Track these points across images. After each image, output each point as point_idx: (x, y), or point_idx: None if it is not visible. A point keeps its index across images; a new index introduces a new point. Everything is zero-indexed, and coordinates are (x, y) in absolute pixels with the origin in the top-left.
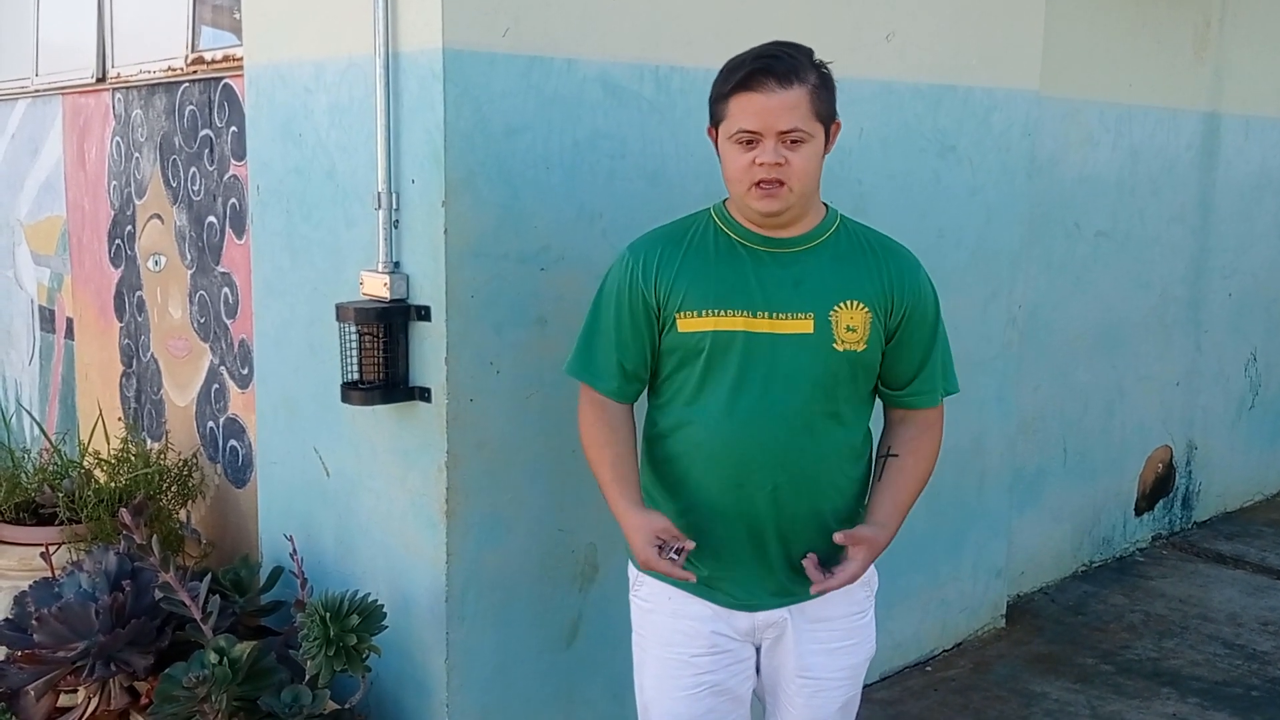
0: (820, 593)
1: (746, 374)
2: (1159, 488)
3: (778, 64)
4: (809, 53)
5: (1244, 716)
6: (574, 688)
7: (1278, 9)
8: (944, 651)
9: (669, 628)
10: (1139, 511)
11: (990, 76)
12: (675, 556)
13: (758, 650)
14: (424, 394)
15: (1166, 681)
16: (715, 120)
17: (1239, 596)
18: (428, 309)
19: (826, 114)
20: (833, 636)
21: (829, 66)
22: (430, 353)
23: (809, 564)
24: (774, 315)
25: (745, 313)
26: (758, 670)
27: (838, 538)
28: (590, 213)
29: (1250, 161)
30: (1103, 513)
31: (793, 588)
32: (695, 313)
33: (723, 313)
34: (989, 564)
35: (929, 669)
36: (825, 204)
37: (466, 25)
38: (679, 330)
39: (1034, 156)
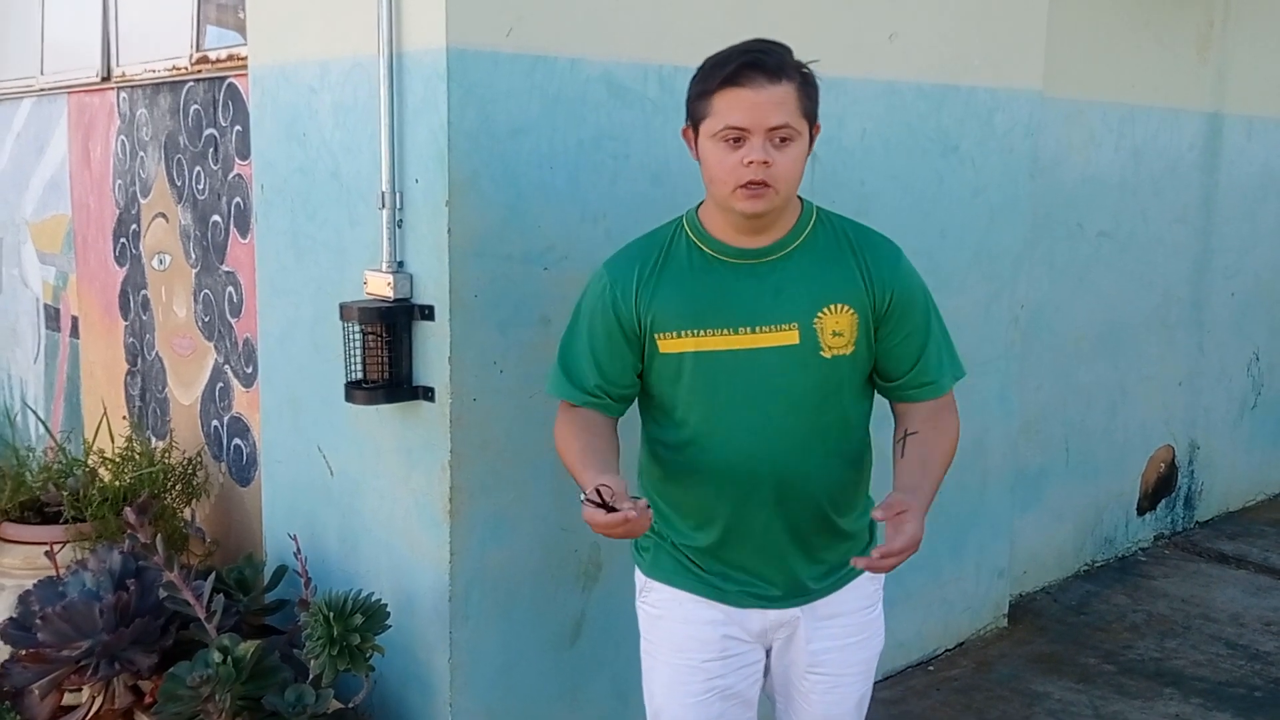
0: (882, 567)
1: (737, 393)
2: (1161, 487)
3: (766, 59)
4: (791, 51)
5: (1246, 717)
6: (578, 687)
7: None
8: (946, 651)
9: (680, 633)
10: (1141, 511)
11: (993, 77)
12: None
13: (767, 653)
14: (427, 393)
15: (1169, 682)
16: (696, 119)
17: (1241, 596)
18: (431, 308)
19: (811, 112)
20: (845, 631)
21: (810, 65)
22: (434, 352)
23: (859, 562)
24: (756, 329)
25: (726, 330)
26: (766, 671)
27: (876, 515)
28: (594, 213)
29: (1253, 162)
30: (1105, 512)
31: (811, 587)
32: (675, 334)
33: (702, 332)
34: (991, 563)
35: (931, 668)
36: (801, 199)
37: (470, 25)
38: (660, 352)
39: (1037, 157)
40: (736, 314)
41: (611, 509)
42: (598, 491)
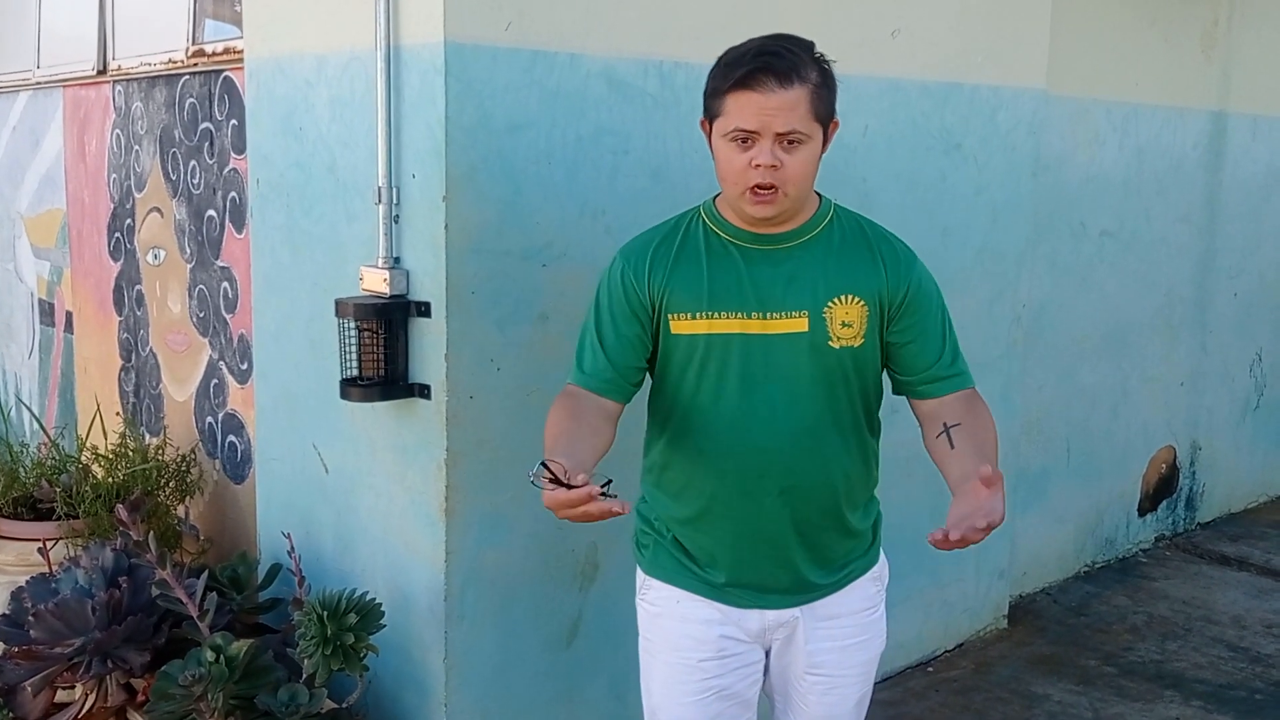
0: (963, 542)
1: (744, 377)
2: (1162, 488)
3: (778, 62)
4: (810, 48)
5: None
6: (574, 687)
7: None
8: (946, 652)
9: (678, 632)
10: (1142, 512)
11: (997, 74)
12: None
13: (767, 653)
14: (424, 391)
15: (1169, 684)
16: (710, 115)
17: (1243, 598)
18: (428, 305)
19: (825, 114)
20: (845, 633)
21: (831, 62)
22: (430, 349)
23: (937, 537)
24: (767, 315)
25: (739, 314)
26: (766, 671)
27: (980, 478)
28: (593, 209)
29: (1258, 161)
30: (1106, 513)
31: (814, 582)
32: (688, 315)
33: (715, 315)
34: (992, 564)
35: (931, 670)
36: (818, 193)
37: (469, 19)
38: (672, 333)
39: (1040, 155)
40: (749, 299)
41: (568, 485)
42: (545, 465)
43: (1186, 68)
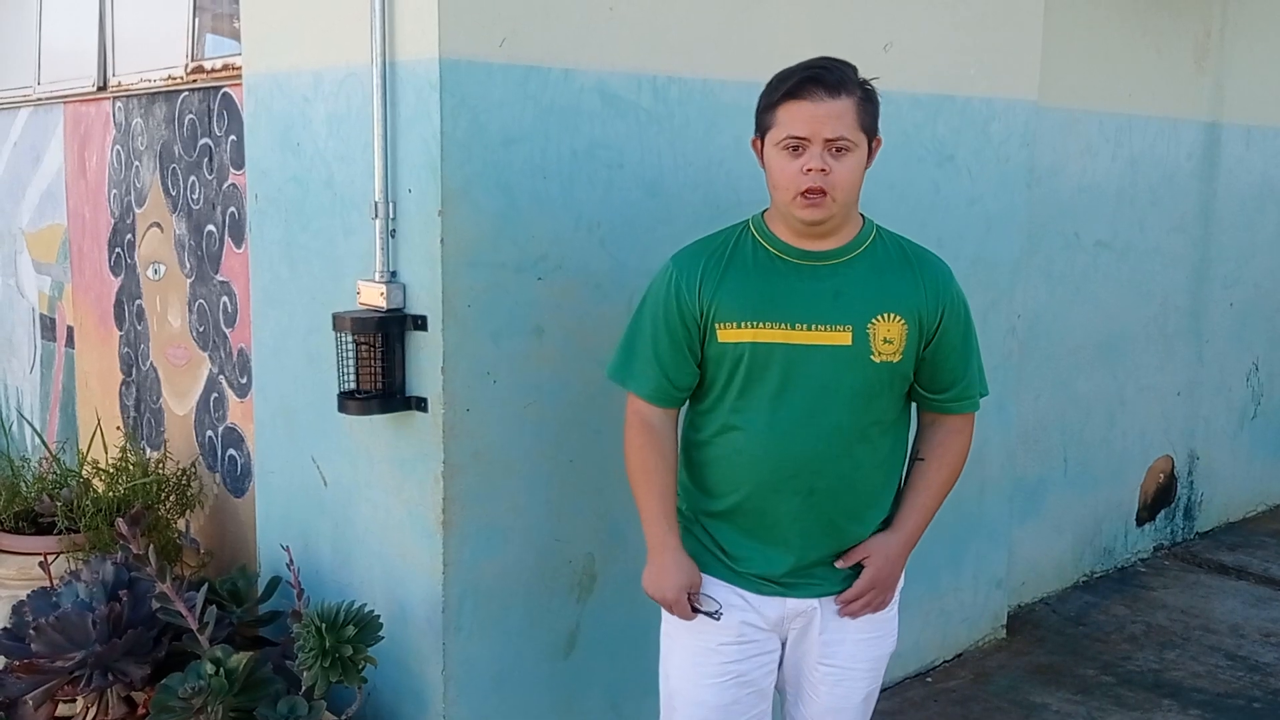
0: (849, 614)
1: (786, 385)
2: (1160, 498)
3: (827, 75)
4: (854, 69)
5: None
6: (572, 698)
7: (1279, 19)
8: (944, 662)
9: (700, 616)
10: (1140, 522)
11: (989, 86)
12: (699, 609)
13: (783, 645)
14: (420, 404)
15: (1168, 693)
16: (762, 130)
17: (1241, 607)
18: (424, 318)
19: (870, 127)
20: (859, 628)
21: (873, 82)
22: (427, 362)
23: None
24: (812, 327)
25: (784, 325)
26: (780, 664)
27: (839, 564)
28: (588, 222)
29: (1252, 171)
30: (1104, 523)
31: (834, 575)
32: (735, 324)
33: (761, 324)
34: (989, 574)
35: (929, 680)
36: (862, 215)
37: (463, 35)
38: (719, 340)
39: (1033, 166)
40: (795, 310)
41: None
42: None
43: (1179, 79)
